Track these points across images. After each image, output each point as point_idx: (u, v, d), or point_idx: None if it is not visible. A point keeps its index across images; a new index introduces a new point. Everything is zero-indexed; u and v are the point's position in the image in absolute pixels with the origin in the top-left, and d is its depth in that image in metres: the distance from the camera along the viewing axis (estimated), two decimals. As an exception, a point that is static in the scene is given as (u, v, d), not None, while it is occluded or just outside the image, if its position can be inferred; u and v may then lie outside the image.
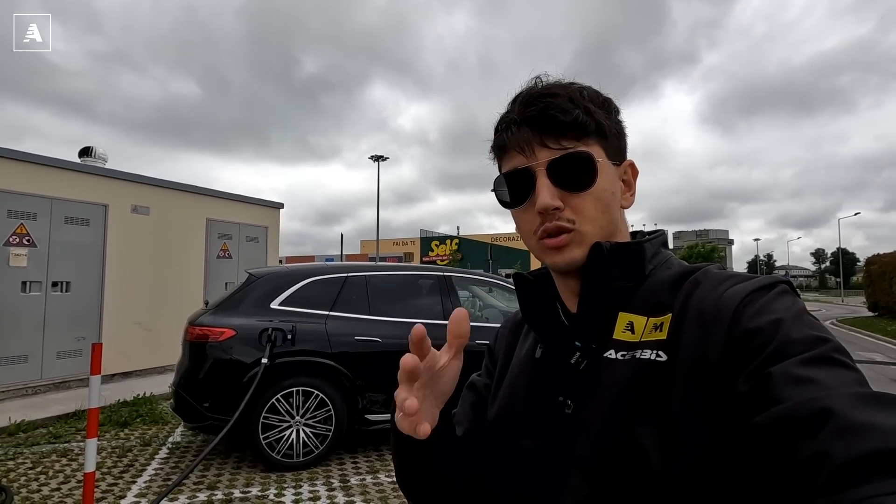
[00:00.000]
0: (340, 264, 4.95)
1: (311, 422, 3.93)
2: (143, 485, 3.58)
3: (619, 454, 0.51)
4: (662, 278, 0.58)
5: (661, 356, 0.52)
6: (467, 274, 5.33)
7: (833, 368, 0.43)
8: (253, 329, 3.93)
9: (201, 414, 3.82)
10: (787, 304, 0.49)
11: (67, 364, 6.17)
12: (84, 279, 6.39)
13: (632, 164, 0.64)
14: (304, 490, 3.51)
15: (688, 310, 0.53)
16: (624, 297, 0.58)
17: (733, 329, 0.48)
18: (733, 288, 0.52)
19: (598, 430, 0.53)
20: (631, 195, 0.64)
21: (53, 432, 4.66)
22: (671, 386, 0.50)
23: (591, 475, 0.52)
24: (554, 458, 0.56)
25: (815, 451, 0.37)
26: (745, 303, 0.50)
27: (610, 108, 0.62)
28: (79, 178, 6.42)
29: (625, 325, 0.56)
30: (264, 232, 9.19)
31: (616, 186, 0.61)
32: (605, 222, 0.59)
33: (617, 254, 0.58)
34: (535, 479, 0.58)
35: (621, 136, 0.63)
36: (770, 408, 0.42)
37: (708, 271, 0.57)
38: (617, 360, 0.54)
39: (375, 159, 32.59)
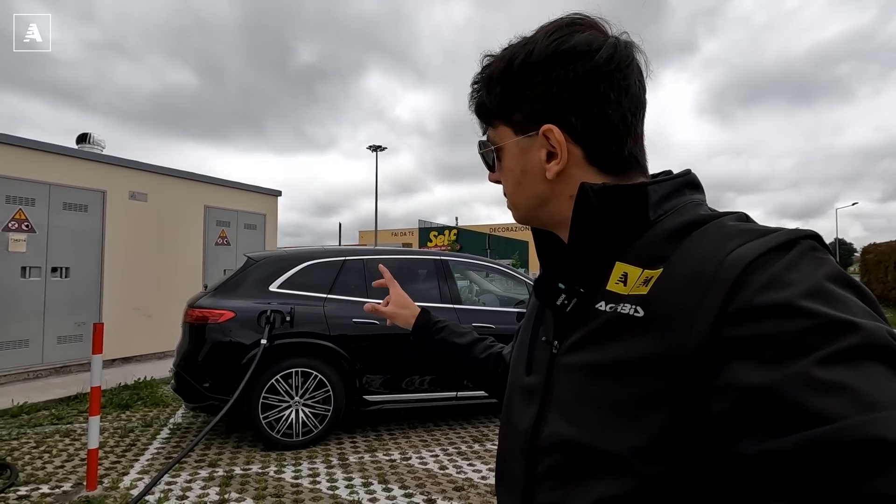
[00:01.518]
0: (339, 248, 4.99)
1: (309, 402, 3.99)
2: (145, 462, 3.65)
3: (587, 406, 0.50)
4: (667, 227, 0.51)
5: (638, 311, 0.47)
6: (465, 258, 5.38)
7: (867, 366, 0.34)
8: (252, 311, 3.98)
9: (202, 394, 3.88)
10: (808, 272, 0.40)
11: (68, 349, 6.22)
12: (83, 265, 6.41)
13: (550, 130, 0.55)
14: (304, 468, 3.58)
15: (685, 265, 0.46)
16: (623, 245, 0.52)
17: (730, 301, 0.40)
18: (743, 247, 0.43)
19: (577, 377, 0.52)
20: (556, 164, 0.55)
21: (56, 414, 4.72)
22: (642, 346, 0.45)
23: (567, 417, 0.52)
24: (539, 394, 0.57)
25: (873, 493, 0.31)
26: (752, 269, 0.41)
27: (527, 73, 0.55)
28: (77, 164, 6.42)
29: (619, 275, 0.51)
30: (262, 219, 9.21)
31: (526, 163, 0.58)
32: (523, 198, 0.60)
33: (612, 196, 0.53)
34: (524, 409, 0.59)
35: (545, 100, 0.54)
36: (789, 429, 0.34)
37: (722, 223, 0.48)
38: (605, 311, 0.51)
39: (374, 149, 32.48)
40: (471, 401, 4.51)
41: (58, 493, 3.13)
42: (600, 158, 0.55)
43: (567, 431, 0.51)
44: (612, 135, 0.54)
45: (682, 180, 0.56)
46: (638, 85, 0.55)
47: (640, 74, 0.56)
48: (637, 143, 0.57)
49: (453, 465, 3.68)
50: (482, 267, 5.47)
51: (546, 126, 0.55)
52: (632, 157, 0.56)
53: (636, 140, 0.57)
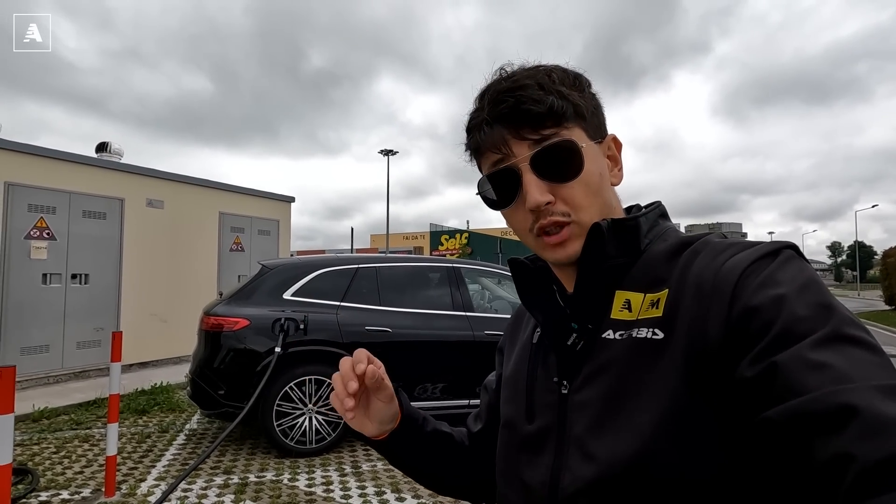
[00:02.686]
0: (351, 256, 5.02)
1: (323, 409, 4.01)
2: (161, 469, 3.69)
3: (616, 434, 0.49)
4: (659, 251, 0.55)
5: (658, 334, 0.49)
6: (476, 265, 5.37)
7: (847, 349, 0.39)
8: (266, 319, 4.02)
9: (217, 401, 3.93)
10: (793, 274, 0.45)
11: (87, 354, 6.34)
12: (102, 271, 6.54)
13: (614, 138, 0.62)
14: (318, 475, 3.60)
15: (686, 283, 0.50)
16: (620, 274, 0.56)
17: (734, 305, 0.45)
18: (734, 258, 0.48)
19: (596, 410, 0.52)
20: (619, 170, 0.62)
21: (75, 419, 4.81)
22: (669, 365, 0.47)
23: (589, 455, 0.51)
24: (553, 439, 0.56)
25: (837, 451, 0.34)
26: (746, 274, 0.46)
27: (582, 85, 0.58)
28: (96, 173, 6.55)
29: (622, 303, 0.54)
30: (276, 225, 9.30)
31: (602, 166, 0.59)
32: (599, 206, 0.57)
33: (612, 231, 0.55)
34: (535, 460, 0.57)
35: (599, 111, 0.60)
36: (782, 401, 0.39)
37: (708, 240, 0.53)
38: (615, 339, 0.52)
39: (385, 153, 32.66)
40: (483, 409, 4.50)
41: (77, 499, 3.19)
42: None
43: (592, 472, 0.50)
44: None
45: (658, 211, 0.61)
46: None
47: None
48: None
49: (466, 474, 3.67)
50: (494, 274, 5.46)
51: (613, 134, 0.62)
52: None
53: None
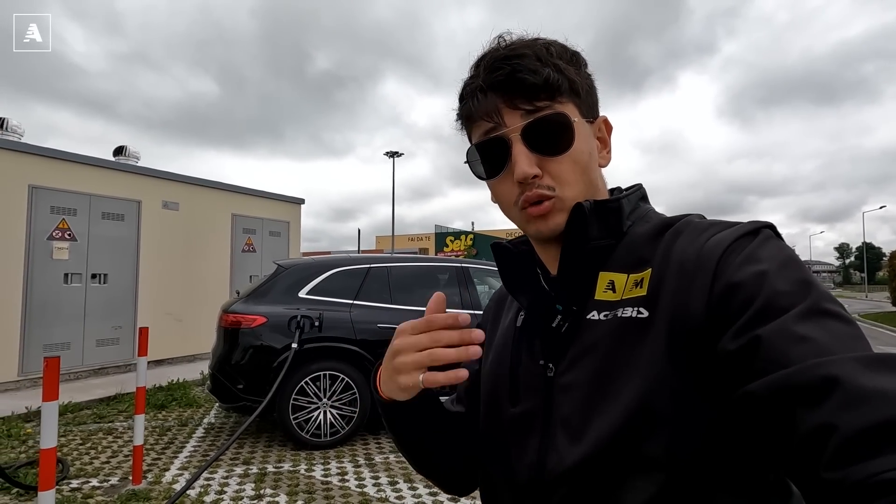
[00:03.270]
0: (363, 256, 5.18)
1: (337, 404, 4.17)
2: (184, 459, 3.86)
3: (603, 414, 0.49)
4: (641, 232, 0.56)
5: (643, 312, 0.50)
6: (484, 265, 5.51)
7: (827, 322, 0.40)
8: (282, 316, 4.18)
9: (236, 395, 4.09)
10: (773, 252, 0.46)
11: (106, 351, 6.53)
12: (120, 271, 6.74)
13: (605, 120, 0.62)
14: (333, 466, 3.75)
15: (669, 262, 0.50)
16: (603, 256, 0.56)
17: (717, 281, 0.46)
18: (716, 236, 0.49)
19: (583, 391, 0.52)
20: (608, 153, 0.62)
21: (98, 413, 4.99)
22: (654, 342, 0.48)
23: (576, 436, 0.51)
24: (539, 421, 0.55)
25: (820, 422, 0.35)
26: (728, 252, 0.47)
27: (580, 63, 0.58)
28: (114, 176, 6.76)
29: (606, 284, 0.54)
30: (286, 227, 9.49)
31: (592, 146, 0.59)
32: (585, 185, 0.57)
33: (595, 212, 0.56)
34: (522, 443, 0.57)
35: (593, 91, 0.60)
36: (766, 373, 0.39)
37: (689, 221, 0.55)
38: (599, 320, 0.53)
39: (390, 155, 32.86)
40: (491, 404, 4.64)
41: (106, 486, 3.36)
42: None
43: (584, 451, 0.50)
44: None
45: (639, 193, 0.62)
46: None
47: None
48: None
49: (475, 466, 3.81)
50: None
51: (604, 116, 0.62)
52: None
53: None
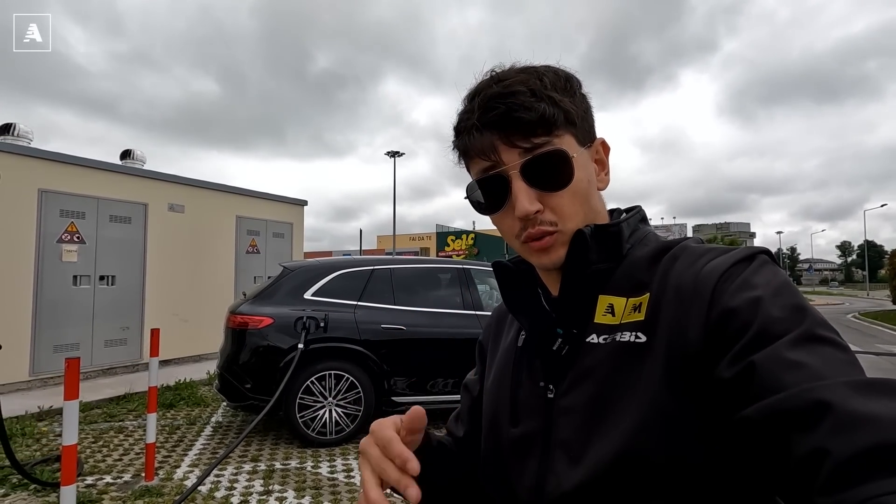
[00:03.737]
0: (367, 258, 5.28)
1: (342, 402, 4.27)
2: (193, 457, 3.97)
3: (601, 438, 0.50)
4: (640, 256, 0.57)
5: (640, 337, 0.51)
6: (485, 266, 5.61)
7: (820, 348, 0.41)
8: (288, 317, 4.29)
9: (243, 394, 4.20)
10: (768, 278, 0.47)
11: (114, 352, 6.65)
12: (127, 273, 6.86)
13: (602, 143, 0.62)
14: (338, 463, 3.86)
15: (666, 287, 0.51)
16: (603, 279, 0.57)
17: (713, 308, 0.46)
18: (712, 263, 0.50)
19: (582, 415, 0.52)
20: (605, 174, 0.62)
21: (108, 412, 5.11)
22: (652, 367, 0.49)
23: (574, 459, 0.51)
24: (538, 444, 0.56)
25: (813, 447, 0.35)
26: (724, 278, 0.48)
27: (573, 88, 0.58)
28: (121, 179, 6.88)
29: (605, 307, 0.55)
30: (289, 228, 9.60)
31: (591, 172, 0.59)
32: (584, 213, 0.57)
33: (595, 237, 0.56)
34: (521, 465, 0.57)
35: (588, 114, 0.60)
36: (759, 399, 0.40)
37: (686, 245, 0.55)
38: (599, 343, 0.53)
39: (391, 155, 32.96)
40: (492, 403, 4.74)
41: (120, 482, 3.47)
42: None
43: (582, 475, 0.50)
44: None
45: (639, 216, 0.63)
46: None
47: None
48: None
49: (477, 462, 3.92)
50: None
51: (601, 138, 0.62)
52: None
53: None
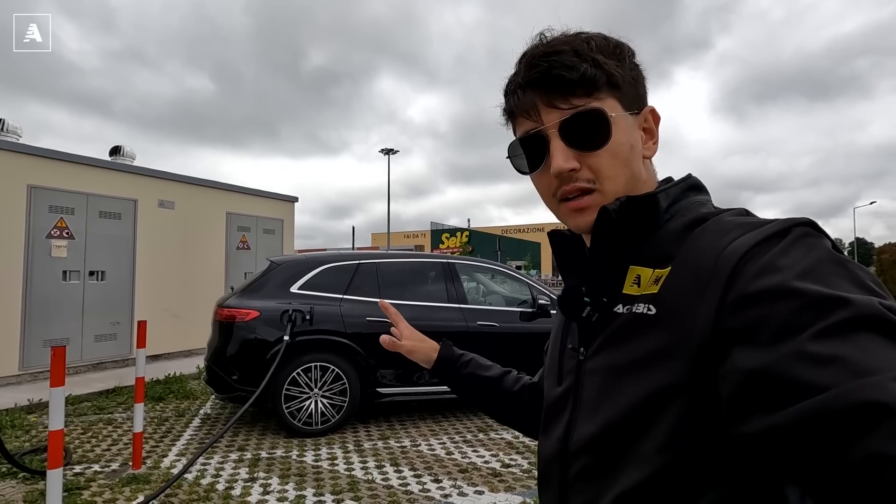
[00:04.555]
0: (353, 252, 5.37)
1: (328, 394, 4.37)
2: (181, 446, 4.05)
3: (610, 402, 0.52)
4: (673, 227, 0.55)
5: (651, 310, 0.50)
6: (470, 261, 5.72)
7: (859, 337, 0.35)
8: (275, 311, 4.37)
9: (231, 386, 4.28)
10: (799, 256, 0.42)
11: (104, 347, 6.71)
12: (117, 269, 6.91)
13: (653, 111, 0.61)
14: (323, 452, 3.95)
15: (686, 263, 0.49)
16: (636, 250, 0.56)
17: (728, 292, 0.43)
18: (738, 240, 0.46)
19: (601, 378, 0.55)
20: (654, 143, 0.61)
21: (97, 405, 5.17)
22: (656, 343, 0.48)
23: (592, 417, 0.54)
24: (571, 401, 0.59)
25: (869, 453, 0.32)
26: (746, 259, 0.43)
27: (623, 55, 0.58)
28: (111, 175, 6.91)
29: (633, 278, 0.55)
30: (280, 224, 9.66)
31: (635, 138, 0.58)
32: (626, 178, 0.57)
33: (629, 208, 0.55)
34: (557, 419, 0.61)
35: (638, 82, 0.60)
36: (787, 402, 0.36)
37: (720, 218, 0.51)
38: (622, 313, 0.54)
39: (385, 153, 32.99)
40: (476, 394, 4.84)
41: (108, 471, 3.55)
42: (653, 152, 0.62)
43: (592, 431, 0.53)
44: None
45: (685, 184, 0.60)
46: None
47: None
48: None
49: (459, 451, 4.03)
50: (487, 269, 5.81)
51: (651, 107, 0.61)
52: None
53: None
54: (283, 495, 3.19)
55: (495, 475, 3.54)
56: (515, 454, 3.94)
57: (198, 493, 3.19)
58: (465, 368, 0.90)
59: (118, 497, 3.15)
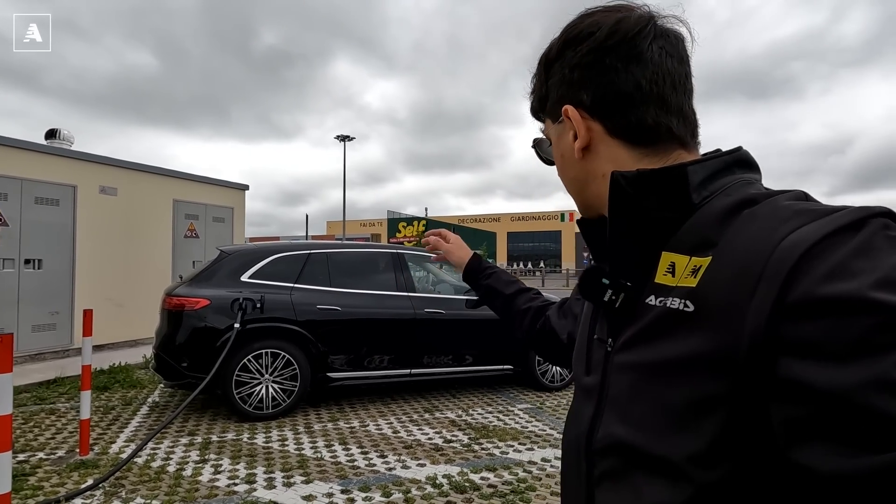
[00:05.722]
0: (304, 242, 5.49)
1: (278, 379, 4.51)
2: (129, 433, 4.10)
3: (638, 404, 0.48)
4: (715, 208, 0.47)
5: (688, 306, 0.44)
6: (420, 251, 5.96)
7: None
8: (225, 299, 4.46)
9: (180, 373, 4.35)
10: (880, 257, 0.36)
11: (42, 337, 6.50)
12: (55, 257, 6.68)
13: (566, 109, 0.57)
14: (274, 434, 4.12)
15: (733, 254, 0.42)
16: (667, 232, 0.49)
17: (787, 295, 0.36)
18: (800, 231, 0.38)
19: (629, 377, 0.50)
20: (577, 141, 0.57)
21: (38, 395, 5.07)
22: (692, 347, 0.42)
23: (617, 418, 0.50)
24: (597, 394, 0.55)
25: None
26: (812, 255, 0.37)
27: (550, 62, 0.59)
28: (48, 160, 6.65)
29: (667, 266, 0.48)
30: (230, 212, 9.53)
31: (564, 146, 0.59)
32: (567, 184, 0.62)
33: (648, 181, 0.50)
34: (583, 410, 0.57)
35: (559, 87, 0.58)
36: (878, 442, 0.31)
37: (775, 202, 0.44)
38: (654, 306, 0.48)
39: (342, 139, 32.53)
40: (423, 377, 5.12)
41: (54, 458, 3.57)
42: (621, 130, 0.54)
43: (620, 432, 0.49)
44: (625, 103, 0.53)
45: (730, 158, 0.52)
46: (660, 53, 0.53)
47: (666, 43, 0.54)
48: (668, 112, 0.54)
49: (405, 429, 4.29)
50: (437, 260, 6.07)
51: (564, 107, 0.57)
52: (660, 126, 0.53)
53: (665, 108, 0.53)
54: (235, 474, 3.34)
55: (437, 450, 3.83)
56: (457, 431, 4.25)
57: (149, 476, 3.30)
58: (485, 280, 1.08)
59: (66, 481, 3.21)
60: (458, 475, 3.35)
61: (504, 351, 5.40)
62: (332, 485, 3.22)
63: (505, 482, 3.27)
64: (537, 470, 3.46)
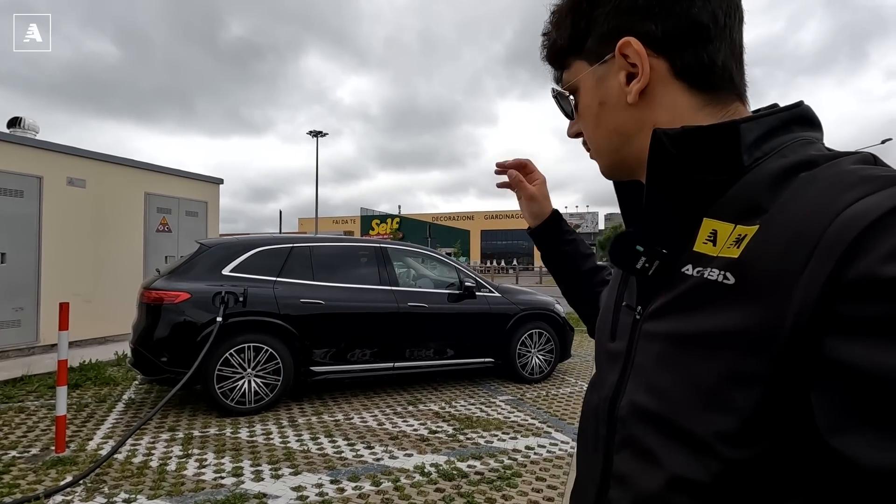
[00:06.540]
0: (287, 236, 5.44)
1: (261, 373, 4.48)
2: (106, 430, 4.00)
3: (667, 377, 0.45)
4: (766, 170, 0.43)
5: (728, 279, 0.40)
6: (402, 246, 5.99)
7: None
8: (206, 292, 4.39)
9: (159, 368, 4.26)
10: None
11: (7, 334, 6.22)
12: (20, 251, 6.40)
13: (627, 43, 0.49)
14: (258, 428, 4.09)
15: (784, 222, 0.38)
16: (711, 197, 0.45)
17: (845, 269, 0.33)
18: (865, 201, 0.34)
19: (658, 347, 0.47)
20: (637, 82, 0.49)
21: (5, 394, 4.87)
22: (733, 321, 0.39)
23: (643, 387, 0.48)
24: (622, 361, 0.53)
25: None
26: (877, 227, 0.33)
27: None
28: (10, 150, 6.35)
29: (707, 233, 0.44)
30: (204, 207, 9.31)
31: (603, 93, 0.52)
32: (604, 138, 0.54)
33: (694, 139, 0.45)
34: (607, 376, 0.56)
35: (618, 14, 0.50)
36: None
37: (838, 164, 0.40)
38: (692, 276, 0.44)
39: (314, 135, 32.08)
40: (406, 370, 5.16)
41: (28, 455, 3.46)
42: (690, 69, 0.48)
43: (645, 401, 0.47)
44: (701, 36, 0.47)
45: (788, 114, 0.46)
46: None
47: None
48: (733, 56, 0.49)
49: (390, 421, 4.33)
50: (418, 254, 6.13)
51: (623, 40, 0.49)
52: (726, 71, 0.48)
53: (732, 50, 0.49)
54: (220, 468, 3.32)
55: (423, 440, 3.89)
56: (441, 422, 4.31)
57: (131, 471, 3.24)
58: (565, 245, 0.92)
59: (44, 479, 3.12)
60: (446, 464, 3.42)
61: (485, 344, 5.49)
62: (321, 475, 3.24)
63: (491, 469, 3.35)
64: (522, 457, 3.56)
